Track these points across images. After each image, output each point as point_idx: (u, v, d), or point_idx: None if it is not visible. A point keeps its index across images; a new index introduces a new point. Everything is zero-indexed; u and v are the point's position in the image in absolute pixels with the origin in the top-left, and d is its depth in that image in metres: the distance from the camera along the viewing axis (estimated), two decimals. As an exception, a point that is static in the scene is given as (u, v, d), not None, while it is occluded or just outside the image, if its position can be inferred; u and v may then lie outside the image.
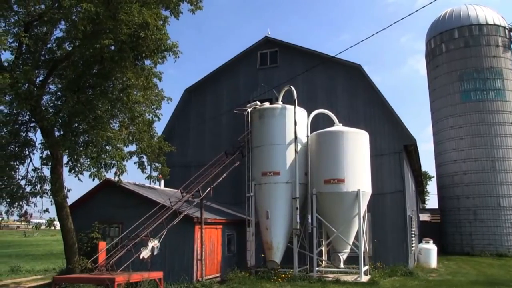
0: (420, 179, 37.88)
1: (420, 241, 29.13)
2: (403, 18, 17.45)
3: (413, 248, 25.85)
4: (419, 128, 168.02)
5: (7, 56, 15.81)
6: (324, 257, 21.90)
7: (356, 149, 20.28)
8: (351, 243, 20.02)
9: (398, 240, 22.51)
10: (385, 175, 23.19)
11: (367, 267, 20.27)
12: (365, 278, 18.95)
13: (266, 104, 22.40)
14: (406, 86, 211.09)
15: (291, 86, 21.61)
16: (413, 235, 25.47)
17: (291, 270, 19.59)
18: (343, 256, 20.06)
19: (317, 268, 19.79)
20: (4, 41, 14.53)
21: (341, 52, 39.25)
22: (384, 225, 22.78)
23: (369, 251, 21.58)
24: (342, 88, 25.24)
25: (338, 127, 21.26)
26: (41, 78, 16.52)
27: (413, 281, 19.25)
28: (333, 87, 25.41)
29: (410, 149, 24.75)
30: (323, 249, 21.70)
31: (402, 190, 23.07)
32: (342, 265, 20.01)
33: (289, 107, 21.12)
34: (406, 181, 23.73)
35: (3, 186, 15.78)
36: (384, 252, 22.29)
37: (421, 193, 47.80)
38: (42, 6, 15.84)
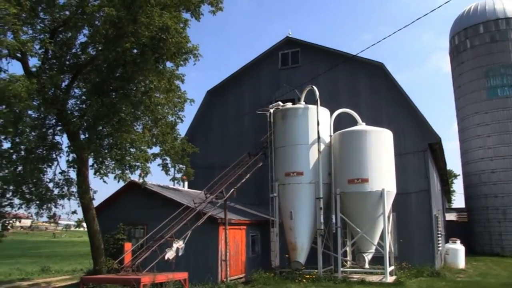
0: (446, 177, 37.26)
1: (446, 241, 28.62)
2: (426, 14, 17.29)
3: (440, 248, 25.41)
4: (443, 126, 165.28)
5: (34, 62, 16.17)
6: (349, 257, 21.71)
7: (379, 148, 20.07)
8: (376, 243, 19.81)
9: (424, 240, 22.16)
10: (410, 174, 22.86)
11: (392, 267, 20.03)
12: (390, 279, 18.72)
13: (289, 105, 22.36)
14: (429, 84, 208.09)
15: (313, 86, 21.53)
16: (439, 235, 25.05)
17: (316, 270, 19.49)
18: (368, 256, 19.85)
19: (341, 269, 19.65)
20: (31, 48, 14.89)
21: (363, 50, 38.86)
22: (409, 225, 22.46)
23: (395, 251, 21.30)
24: (365, 87, 25.00)
25: (361, 126, 21.08)
26: (66, 83, 16.85)
27: (440, 282, 18.89)
28: (355, 86, 25.19)
29: (435, 148, 24.36)
30: (347, 249, 21.51)
31: (427, 189, 22.71)
32: (367, 266, 19.81)
33: (312, 107, 21.05)
34: (431, 180, 23.33)
35: (33, 188, 16.16)
36: (410, 252, 21.97)
37: (446, 192, 46.97)
38: (67, 12, 16.15)
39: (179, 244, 16.21)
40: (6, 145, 15.48)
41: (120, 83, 16.13)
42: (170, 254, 15.88)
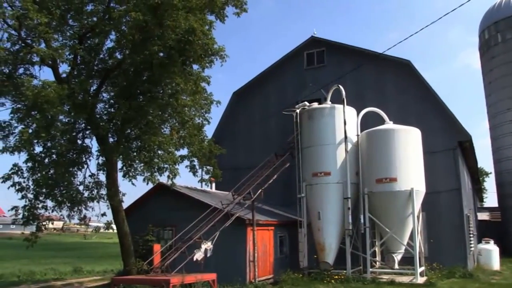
0: (477, 176, 36.38)
1: (479, 242, 27.99)
2: (454, 9, 16.81)
3: (472, 249, 24.83)
4: (473, 124, 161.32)
5: (64, 68, 16.55)
6: (378, 257, 21.47)
7: (408, 147, 19.79)
8: (405, 243, 19.52)
9: (455, 240, 21.71)
10: (439, 173, 22.41)
11: (423, 268, 19.70)
12: (421, 280, 18.42)
13: (315, 105, 22.25)
14: (458, 81, 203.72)
15: (339, 85, 21.37)
16: (471, 235, 24.48)
17: (344, 271, 19.33)
18: (397, 257, 19.58)
19: (370, 269, 19.44)
20: (62, 54, 15.25)
21: (390, 48, 38.23)
22: (439, 225, 22.04)
23: (425, 252, 20.96)
24: (392, 86, 24.67)
25: (389, 125, 20.82)
26: (94, 87, 17.20)
27: (474, 283, 18.42)
28: (382, 85, 24.88)
29: (465, 146, 23.82)
30: (376, 249, 21.27)
31: (458, 188, 22.25)
32: (396, 266, 19.54)
33: (338, 107, 20.90)
34: (461, 178, 22.87)
35: (64, 191, 16.53)
36: (441, 252, 21.55)
37: (478, 191, 45.90)
38: (94, 19, 16.48)
39: (207, 245, 16.31)
40: (38, 149, 15.91)
41: (147, 86, 16.35)
42: (198, 255, 15.99)
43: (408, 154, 19.68)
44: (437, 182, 22.09)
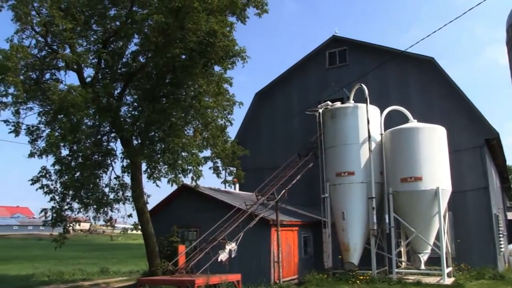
0: (506, 174, 35.54)
1: (510, 242, 27.35)
2: (479, 4, 16.34)
3: (502, 249, 24.28)
4: (501, 121, 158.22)
5: (88, 72, 16.86)
6: (404, 258, 21.20)
7: (432, 145, 19.50)
8: (431, 243, 19.22)
9: (483, 240, 21.26)
10: (466, 171, 22.01)
11: (450, 268, 19.37)
12: (448, 281, 18.10)
13: (338, 104, 22.11)
14: (484, 78, 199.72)
15: (362, 84, 21.18)
16: (501, 235, 23.93)
17: (370, 271, 19.15)
18: (423, 257, 19.29)
19: (396, 270, 19.19)
20: (86, 59, 15.55)
21: (413, 45, 37.60)
22: (467, 224, 21.63)
23: (452, 252, 20.59)
24: (415, 83, 24.32)
25: (413, 123, 20.55)
26: (118, 91, 17.43)
27: (505, 286, 17.87)
28: (405, 82, 24.55)
29: (493, 143, 23.32)
30: (402, 249, 21.01)
31: (486, 186, 21.80)
32: (423, 266, 19.25)
33: (361, 106, 20.73)
34: (489, 177, 22.39)
35: (90, 193, 16.83)
36: (468, 253, 21.14)
37: (507, 190, 44.85)
38: (117, 23, 16.73)
39: (231, 246, 16.36)
40: (65, 152, 16.22)
41: (170, 88, 16.52)
42: (223, 256, 16.05)
43: (433, 152, 19.39)
44: (463, 181, 21.71)
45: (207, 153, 18.21)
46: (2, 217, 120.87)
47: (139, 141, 17.42)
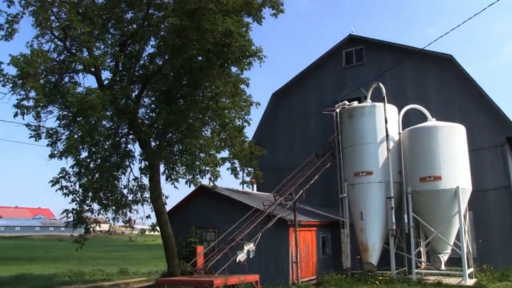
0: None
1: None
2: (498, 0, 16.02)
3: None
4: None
5: (106, 75, 17.07)
6: (423, 258, 20.95)
7: (452, 144, 19.24)
8: (452, 243, 18.95)
9: (507, 240, 20.87)
10: (486, 170, 21.69)
11: (471, 269, 19.06)
12: (470, 282, 17.81)
13: (355, 103, 21.95)
14: (504, 74, 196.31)
15: (379, 83, 21.00)
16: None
17: (389, 272, 18.97)
18: (443, 257, 19.03)
19: (416, 270, 18.95)
20: (104, 62, 15.73)
21: (430, 43, 36.95)
22: (488, 224, 21.29)
23: (473, 252, 20.28)
24: (433, 82, 24.04)
25: (432, 122, 20.29)
26: (136, 93, 17.58)
27: (532, 288, 17.42)
28: (423, 81, 24.28)
29: (514, 141, 22.94)
30: (421, 250, 20.76)
31: (508, 185, 21.42)
32: (443, 267, 18.99)
33: (379, 105, 20.56)
34: (511, 175, 21.98)
35: (109, 195, 17.02)
36: (491, 253, 20.80)
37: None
38: (134, 26, 16.88)
39: (250, 247, 16.36)
40: (84, 154, 16.43)
41: (188, 90, 16.59)
42: (241, 257, 16.06)
43: (452, 151, 19.14)
44: (484, 180, 21.40)
45: (224, 154, 18.27)
46: (24, 218, 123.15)
47: (157, 142, 17.56)
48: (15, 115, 14.84)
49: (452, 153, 19.12)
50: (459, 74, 23.28)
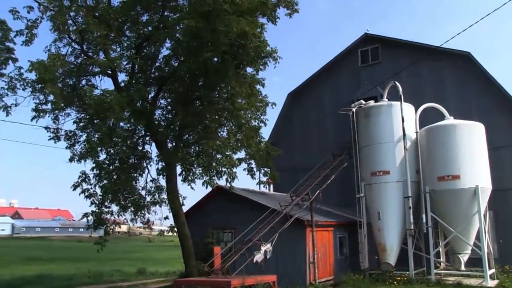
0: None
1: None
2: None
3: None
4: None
5: (122, 77, 17.26)
6: (442, 258, 20.69)
7: (470, 142, 18.98)
8: (471, 243, 18.68)
9: (529, 240, 20.52)
10: (506, 169, 21.33)
11: (493, 270, 18.75)
12: (492, 283, 17.52)
13: (371, 103, 21.78)
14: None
15: (396, 82, 20.83)
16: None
17: (407, 272, 18.78)
18: (463, 258, 18.76)
19: (435, 270, 18.74)
20: (120, 64, 15.89)
21: (448, 40, 36.10)
22: (509, 224, 20.90)
23: (494, 253, 19.94)
24: (451, 80, 23.72)
25: (449, 120, 20.05)
26: (152, 95, 17.70)
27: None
28: (440, 79, 23.97)
29: (536, 139, 22.50)
30: (440, 250, 20.50)
31: (529, 184, 21.07)
32: (463, 268, 18.72)
33: (395, 104, 20.39)
34: (533, 174, 21.59)
35: (128, 196, 17.19)
36: (513, 254, 20.45)
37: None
38: (150, 28, 17.01)
39: (267, 247, 16.39)
40: (102, 156, 16.62)
41: (203, 91, 16.68)
42: (258, 257, 16.09)
43: (471, 150, 18.88)
44: (505, 179, 21.08)
45: (241, 154, 18.29)
46: (44, 220, 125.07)
47: (174, 143, 17.67)
48: (33, 118, 15.11)
49: (471, 152, 18.86)
50: (477, 71, 22.94)
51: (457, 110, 21.33)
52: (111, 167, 16.73)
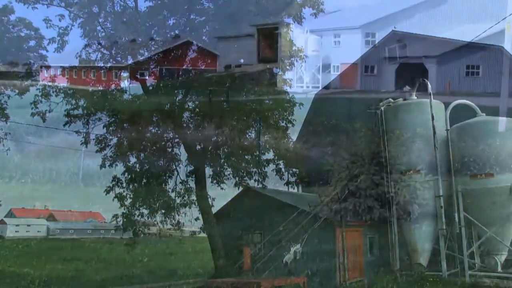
0: None
1: None
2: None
3: None
4: None
5: (150, 81, 17.44)
6: (477, 259, 20.08)
7: (504, 139, 18.47)
8: (508, 244, 18.16)
9: None
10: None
11: (532, 272, 18.14)
12: (532, 286, 17.00)
13: (400, 100, 21.43)
14: None
15: (425, 79, 20.43)
16: None
17: (439, 273, 18.37)
18: (500, 259, 18.21)
19: (469, 272, 18.24)
20: (148, 68, 16.10)
21: (479, 35, 35.26)
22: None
23: (533, 254, 19.31)
24: (482, 75, 23.16)
25: (481, 117, 19.55)
26: (180, 97, 17.84)
27: None
28: (471, 75, 23.43)
29: None
30: (474, 250, 19.92)
31: None
32: (499, 269, 18.16)
33: (425, 101, 19.99)
34: None
35: (158, 198, 17.38)
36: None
37: None
38: (176, 31, 17.21)
39: (296, 248, 16.30)
40: (132, 160, 16.86)
41: (231, 93, 16.70)
42: (288, 258, 16.02)
43: (505, 147, 18.37)
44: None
45: (269, 155, 18.28)
46: (76, 222, 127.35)
47: (202, 145, 17.76)
48: (66, 123, 15.47)
49: (505, 149, 18.35)
50: (510, 66, 22.29)
51: (489, 106, 20.74)
52: (140, 171, 16.93)
